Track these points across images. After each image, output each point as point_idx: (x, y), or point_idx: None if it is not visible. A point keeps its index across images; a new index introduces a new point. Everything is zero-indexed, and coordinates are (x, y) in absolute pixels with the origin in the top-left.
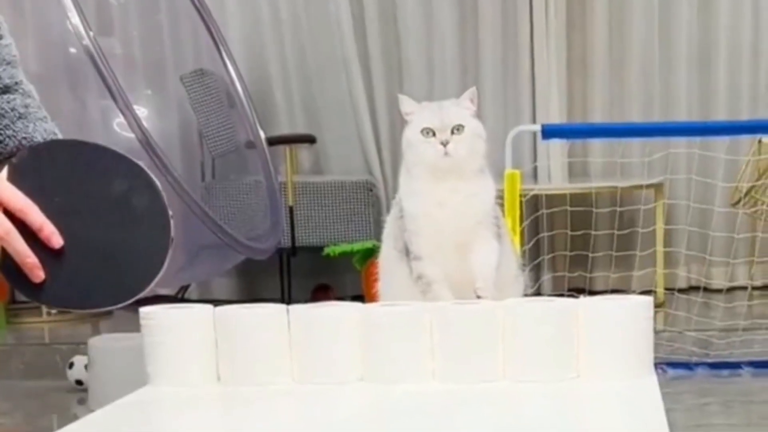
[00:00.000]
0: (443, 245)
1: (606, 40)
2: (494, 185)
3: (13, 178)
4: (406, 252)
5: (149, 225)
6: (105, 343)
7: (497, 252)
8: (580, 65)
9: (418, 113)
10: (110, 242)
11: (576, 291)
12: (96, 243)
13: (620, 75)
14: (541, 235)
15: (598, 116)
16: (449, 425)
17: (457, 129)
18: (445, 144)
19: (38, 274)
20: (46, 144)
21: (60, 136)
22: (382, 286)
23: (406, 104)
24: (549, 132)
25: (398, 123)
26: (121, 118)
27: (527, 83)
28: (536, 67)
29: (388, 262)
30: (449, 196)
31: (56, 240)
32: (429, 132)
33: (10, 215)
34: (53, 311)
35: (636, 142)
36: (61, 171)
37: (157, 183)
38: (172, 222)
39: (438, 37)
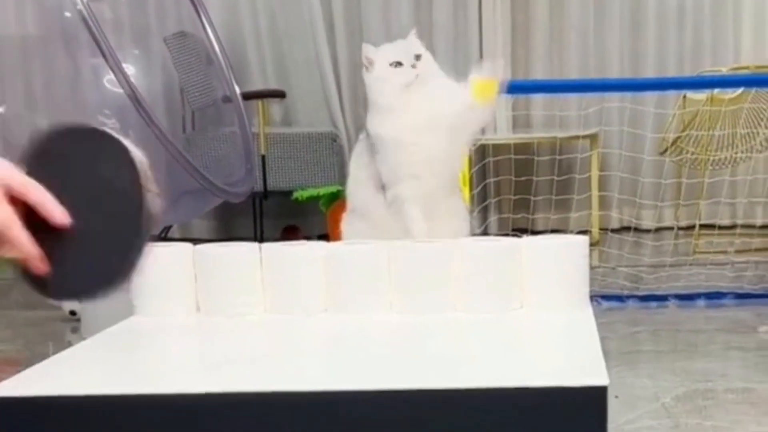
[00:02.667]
0: (423, 173)
1: (546, 5)
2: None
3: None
4: (382, 185)
5: (125, 209)
6: None
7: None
8: (523, 28)
9: (381, 53)
10: (94, 228)
11: (519, 231)
12: (85, 230)
13: (559, 37)
14: (488, 180)
15: (539, 74)
16: (405, 351)
17: (418, 57)
18: (414, 67)
19: (44, 266)
20: (43, 137)
21: None
22: (349, 233)
23: (368, 49)
24: None
25: (359, 80)
26: (111, 75)
27: (476, 45)
28: (484, 31)
29: (362, 205)
30: (420, 119)
31: (60, 216)
32: (398, 64)
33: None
34: None
35: (573, 97)
36: (58, 160)
37: (136, 160)
38: (146, 203)
39: (395, 4)
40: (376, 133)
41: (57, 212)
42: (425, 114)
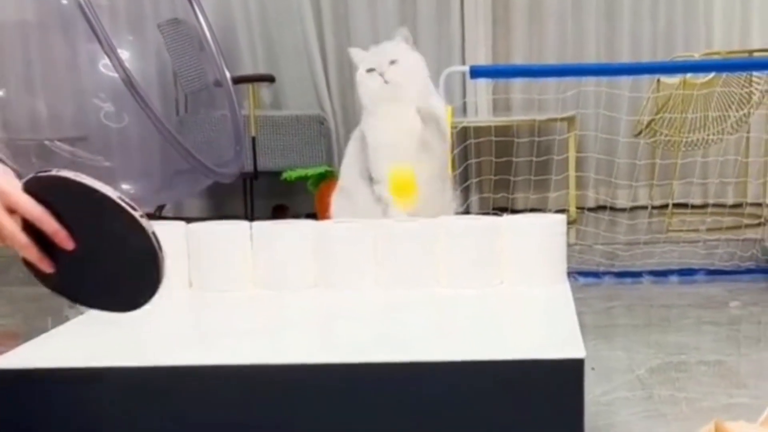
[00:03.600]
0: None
1: None
2: (442, 108)
3: (29, 192)
4: (370, 178)
5: (141, 265)
6: None
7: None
8: (503, 14)
9: (362, 58)
10: (107, 269)
11: (500, 210)
12: (95, 266)
13: (538, 22)
14: (470, 161)
15: (518, 58)
16: (390, 324)
17: (393, 62)
18: (383, 74)
19: (46, 266)
20: (56, 176)
21: None
22: (338, 208)
23: (355, 54)
24: (476, 72)
25: (346, 65)
26: (106, 60)
27: (458, 30)
28: (465, 17)
29: (351, 187)
30: (392, 122)
31: (69, 243)
32: (372, 70)
33: (24, 223)
34: None
35: (551, 81)
36: (70, 199)
37: (151, 233)
38: (162, 264)
39: None
40: (364, 131)
41: (67, 242)
42: (393, 131)
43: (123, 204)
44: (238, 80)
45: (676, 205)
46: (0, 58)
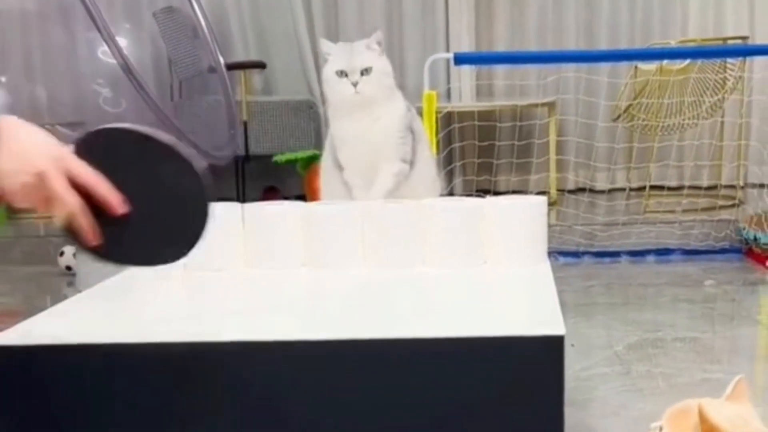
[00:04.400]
0: (360, 160)
1: None
2: (402, 110)
3: (79, 154)
4: (338, 164)
5: (192, 207)
6: None
7: (396, 171)
8: (486, 3)
9: (333, 55)
10: (157, 221)
11: (483, 192)
12: (147, 216)
13: (520, 11)
14: (454, 145)
15: (501, 46)
16: (376, 302)
17: (366, 71)
18: (355, 84)
19: (95, 237)
20: (108, 129)
21: None
22: (322, 189)
23: (325, 46)
24: (460, 59)
25: None
26: (105, 48)
27: (442, 19)
28: (450, 5)
29: (326, 171)
30: (360, 124)
31: (122, 207)
32: (342, 73)
33: (77, 187)
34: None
35: (533, 68)
36: (122, 152)
37: (203, 176)
38: (210, 207)
39: None
40: (330, 123)
41: (120, 207)
42: (355, 129)
43: (177, 149)
44: (230, 67)
45: (653, 187)
46: (2, 46)
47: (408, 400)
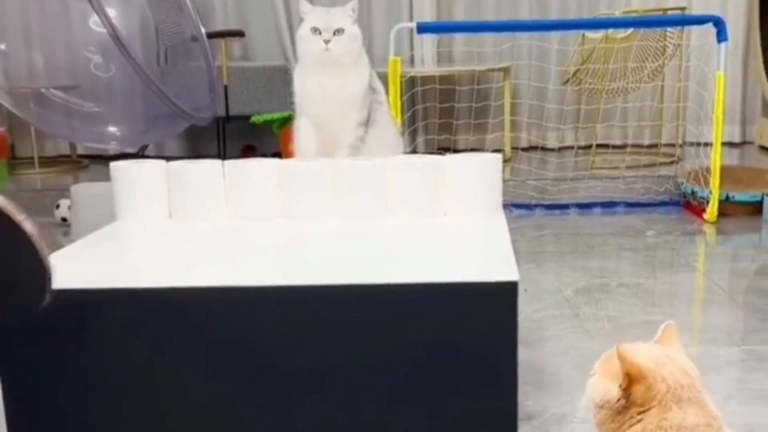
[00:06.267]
0: (320, 119)
1: None
2: (366, 76)
3: None
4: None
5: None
6: (84, 189)
7: (351, 142)
8: None
9: (310, 14)
10: None
11: (443, 150)
12: None
13: None
14: (417, 107)
15: (460, 15)
16: (346, 248)
17: (338, 31)
18: (327, 42)
19: None
20: None
21: None
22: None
23: (303, 5)
24: (423, 28)
25: None
26: (95, 17)
27: None
28: None
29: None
30: (326, 83)
31: None
32: (316, 31)
33: None
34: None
35: (489, 36)
36: None
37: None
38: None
39: None
40: (294, 79)
41: None
42: (319, 88)
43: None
44: (211, 35)
45: (599, 146)
46: (2, 15)
47: (372, 343)
